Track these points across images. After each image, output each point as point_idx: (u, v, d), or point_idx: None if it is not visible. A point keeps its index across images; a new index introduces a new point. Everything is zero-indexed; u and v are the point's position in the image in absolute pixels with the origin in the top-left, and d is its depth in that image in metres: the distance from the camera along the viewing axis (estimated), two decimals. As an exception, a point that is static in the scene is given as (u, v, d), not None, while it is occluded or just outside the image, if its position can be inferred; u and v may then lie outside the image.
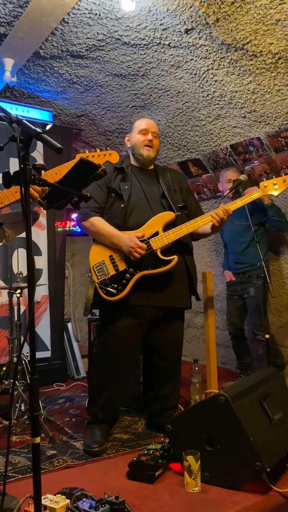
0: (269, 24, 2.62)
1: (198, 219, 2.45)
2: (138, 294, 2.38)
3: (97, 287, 2.41)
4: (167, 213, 2.46)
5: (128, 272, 2.38)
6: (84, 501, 1.63)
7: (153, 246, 2.37)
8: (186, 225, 2.42)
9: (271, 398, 2.15)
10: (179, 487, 1.91)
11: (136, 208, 2.47)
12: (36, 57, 3.24)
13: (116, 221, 2.44)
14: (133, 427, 2.72)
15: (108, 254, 2.44)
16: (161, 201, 2.53)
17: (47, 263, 3.94)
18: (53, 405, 3.22)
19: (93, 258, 2.46)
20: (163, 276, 2.40)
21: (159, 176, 2.62)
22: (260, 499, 1.79)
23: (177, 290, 2.50)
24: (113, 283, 2.38)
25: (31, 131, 1.29)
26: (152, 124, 2.62)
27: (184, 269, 2.53)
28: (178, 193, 2.61)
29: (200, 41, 2.89)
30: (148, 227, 2.42)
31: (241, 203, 2.48)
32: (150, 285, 2.39)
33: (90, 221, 2.46)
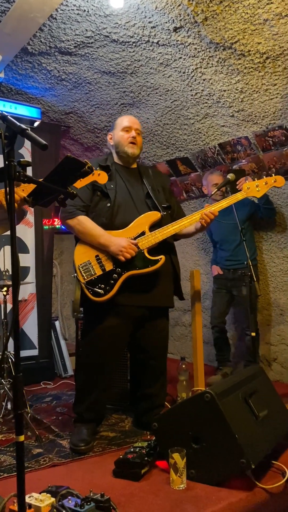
0: (257, 24, 2.63)
1: (185, 219, 2.46)
2: (124, 294, 2.37)
3: (83, 287, 2.37)
4: (153, 213, 2.46)
5: (115, 272, 2.36)
6: (70, 499, 1.62)
7: (140, 246, 2.37)
8: (172, 225, 2.43)
9: (257, 396, 2.17)
10: (164, 484, 1.91)
11: (122, 208, 2.46)
12: (24, 53, 3.22)
13: (103, 220, 2.43)
14: (120, 425, 2.72)
15: (94, 254, 2.41)
16: (146, 201, 2.53)
17: (34, 261, 3.92)
18: (40, 404, 3.21)
19: (78, 258, 2.43)
20: (149, 275, 2.40)
21: (143, 176, 2.62)
22: (245, 495, 1.80)
23: (163, 290, 2.50)
24: (100, 283, 2.36)
25: (15, 128, 1.28)
26: (134, 121, 2.61)
27: (170, 269, 2.53)
28: (162, 193, 2.61)
29: (189, 40, 2.90)
30: (134, 227, 2.42)
31: (226, 204, 2.52)
32: (137, 284, 2.38)
33: (77, 219, 2.43)
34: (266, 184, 2.53)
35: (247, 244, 3.65)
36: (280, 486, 1.87)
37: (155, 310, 2.50)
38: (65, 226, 2.50)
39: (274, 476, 1.94)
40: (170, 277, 2.55)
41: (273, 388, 2.42)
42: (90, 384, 2.45)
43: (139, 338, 2.55)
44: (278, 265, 3.69)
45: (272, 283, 3.74)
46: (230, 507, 1.73)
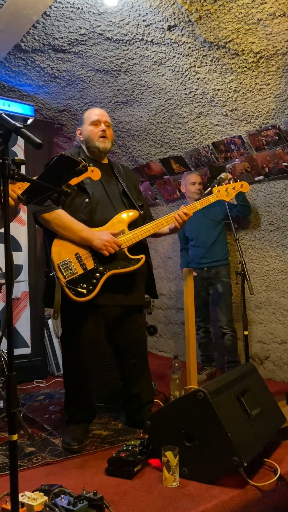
0: (250, 23, 2.64)
1: (163, 219, 2.45)
2: (103, 294, 2.31)
3: (64, 287, 2.24)
4: (132, 211, 2.44)
5: (97, 271, 2.30)
6: (62, 497, 1.62)
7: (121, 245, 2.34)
8: (151, 225, 2.42)
9: (249, 394, 2.18)
10: (157, 482, 1.92)
11: (100, 204, 2.40)
12: (17, 50, 3.20)
13: (81, 216, 2.34)
14: (112, 423, 2.72)
15: (73, 251, 2.31)
16: (122, 198, 2.49)
17: (27, 259, 3.91)
18: (32, 402, 3.20)
19: (57, 256, 2.29)
20: (127, 275, 2.38)
21: (116, 172, 2.57)
22: (237, 493, 1.81)
23: (139, 289, 2.51)
24: (82, 282, 2.26)
25: (10, 126, 1.28)
26: (103, 113, 2.54)
27: (145, 268, 2.52)
28: (134, 191, 2.58)
29: (183, 39, 2.90)
30: (113, 225, 2.37)
31: (200, 205, 2.57)
32: (115, 284, 2.35)
33: (56, 213, 2.28)
34: (234, 189, 2.69)
35: (222, 243, 3.76)
36: (272, 483, 1.89)
37: (133, 309, 2.49)
38: (40, 220, 2.34)
39: (266, 474, 1.96)
40: (144, 276, 2.55)
41: (265, 386, 2.44)
42: (77, 387, 2.42)
43: (118, 338, 2.52)
44: (270, 264, 3.71)
45: (265, 282, 3.76)
46: (222, 505, 1.74)
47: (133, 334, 2.53)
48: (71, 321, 2.40)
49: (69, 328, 2.44)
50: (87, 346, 2.38)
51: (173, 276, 4.66)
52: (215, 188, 2.65)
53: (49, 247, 2.34)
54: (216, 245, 3.72)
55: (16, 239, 3.85)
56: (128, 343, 2.53)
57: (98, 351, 2.45)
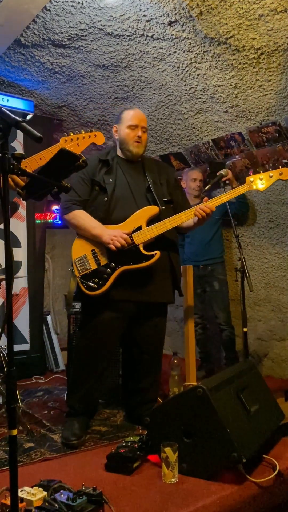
0: (252, 19, 2.63)
1: (182, 214, 2.43)
2: (120, 289, 2.36)
3: (78, 281, 2.39)
4: (151, 207, 2.42)
5: (109, 266, 2.36)
6: (62, 493, 1.62)
7: (135, 241, 2.35)
8: (169, 220, 2.40)
9: (248, 390, 2.19)
10: (156, 478, 1.92)
11: (120, 202, 2.44)
12: (17, 45, 3.18)
13: (99, 215, 2.42)
14: (112, 419, 2.73)
15: (90, 248, 2.42)
16: (146, 195, 2.50)
17: (26, 255, 3.90)
18: (31, 398, 3.20)
19: (75, 252, 2.44)
20: (145, 271, 2.38)
21: (146, 169, 2.58)
22: (236, 489, 1.81)
23: (160, 286, 2.49)
24: (94, 277, 2.36)
25: (10, 120, 1.27)
26: (142, 118, 2.55)
27: (167, 265, 2.51)
28: (165, 186, 2.58)
29: (184, 34, 2.88)
30: (131, 221, 2.39)
31: (226, 197, 2.47)
32: (132, 280, 2.38)
33: (73, 213, 2.43)
34: (271, 177, 2.41)
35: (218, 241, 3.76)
36: (271, 479, 1.89)
37: (151, 306, 2.49)
38: (64, 221, 2.53)
39: (265, 470, 1.96)
40: (168, 273, 2.53)
41: (264, 383, 2.44)
42: (82, 375, 2.46)
43: (135, 333, 2.55)
44: (270, 261, 3.71)
45: (264, 279, 3.76)
46: (221, 501, 1.74)
47: (149, 331, 2.54)
48: (87, 313, 2.51)
49: (84, 319, 2.54)
50: (97, 338, 2.42)
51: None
52: (248, 177, 2.43)
53: None
54: (212, 243, 3.72)
55: (15, 235, 3.84)
56: (142, 339, 2.55)
57: (107, 345, 2.47)
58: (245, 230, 3.85)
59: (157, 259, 2.35)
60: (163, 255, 2.40)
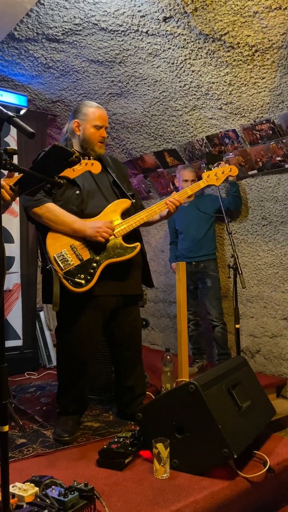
0: (246, 16, 2.63)
1: (154, 206, 2.45)
2: (100, 284, 2.31)
3: (61, 278, 2.25)
4: (123, 201, 2.43)
5: (94, 261, 2.30)
6: (53, 488, 1.62)
7: (115, 234, 2.34)
8: (144, 212, 2.42)
9: (240, 387, 2.20)
10: (148, 474, 1.93)
11: (91, 195, 2.40)
12: (11, 39, 3.16)
13: (72, 208, 2.34)
14: (104, 415, 2.73)
15: (68, 243, 2.30)
16: (113, 188, 2.50)
17: (19, 251, 3.88)
18: (24, 394, 3.20)
19: (52, 248, 2.29)
20: (123, 264, 2.38)
21: (105, 164, 2.55)
22: (227, 484, 1.83)
23: (135, 278, 2.51)
24: (80, 273, 2.27)
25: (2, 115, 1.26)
26: (105, 118, 2.51)
27: (140, 257, 2.52)
28: (124, 181, 2.58)
29: (178, 30, 2.88)
30: (106, 215, 2.37)
31: (190, 191, 2.59)
32: (111, 274, 2.35)
33: (45, 207, 2.28)
34: (223, 173, 2.65)
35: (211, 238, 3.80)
36: (261, 475, 1.91)
37: (128, 298, 2.49)
38: (31, 215, 2.34)
39: (256, 466, 1.97)
40: (140, 265, 2.55)
41: (256, 379, 2.45)
42: (71, 378, 2.43)
43: (113, 330, 2.52)
44: (262, 258, 3.72)
45: (257, 276, 3.78)
46: (212, 496, 1.75)
47: (128, 326, 2.53)
48: (67, 313, 2.37)
49: (64, 319, 2.42)
50: (82, 337, 2.38)
51: (165, 270, 4.67)
52: (205, 173, 2.65)
53: (43, 241, 2.33)
54: (205, 240, 3.75)
55: (8, 231, 3.82)
56: (122, 336, 2.53)
57: (92, 343, 2.45)
58: (238, 227, 3.86)
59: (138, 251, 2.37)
60: None
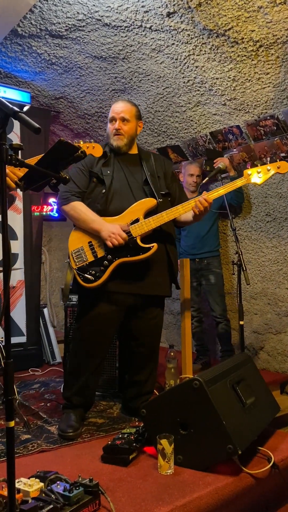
0: (251, 11, 2.61)
1: (180, 206, 2.41)
2: (117, 281, 2.37)
3: (75, 273, 2.39)
4: (148, 200, 2.41)
5: (106, 259, 2.36)
6: (58, 484, 1.63)
7: (133, 233, 2.34)
8: (167, 212, 2.38)
9: (244, 383, 2.20)
10: (152, 470, 1.93)
11: (118, 194, 2.44)
12: (14, 35, 3.15)
13: (97, 206, 2.41)
14: (108, 411, 2.74)
15: (87, 240, 2.41)
16: (143, 187, 2.49)
17: (23, 247, 3.89)
18: (28, 390, 3.21)
19: (72, 243, 2.43)
20: (143, 263, 2.38)
21: (143, 162, 2.57)
22: (231, 480, 1.83)
23: (157, 278, 2.48)
24: (91, 269, 2.36)
25: (8, 110, 1.26)
26: (119, 109, 2.50)
27: (165, 257, 2.51)
28: (162, 179, 2.57)
29: (182, 26, 2.86)
30: (129, 214, 2.39)
31: (224, 191, 2.45)
32: (130, 272, 2.38)
33: (71, 205, 2.43)
34: (269, 170, 2.39)
35: (214, 235, 3.78)
36: (266, 471, 1.91)
37: (148, 298, 2.49)
38: (62, 212, 2.52)
39: (260, 462, 1.98)
40: (165, 266, 2.53)
41: (260, 376, 2.45)
42: (79, 368, 2.45)
43: (131, 326, 2.55)
44: (266, 255, 3.71)
45: (261, 273, 3.77)
46: (216, 492, 1.76)
47: (146, 324, 2.54)
48: (84, 305, 2.49)
49: (81, 311, 2.52)
50: (93, 330, 2.42)
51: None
52: (246, 170, 2.42)
53: None
54: (208, 236, 3.74)
55: (12, 228, 3.83)
56: (139, 331, 2.55)
57: (104, 337, 2.47)
58: (242, 223, 3.85)
59: (154, 252, 2.34)
60: (160, 247, 2.40)
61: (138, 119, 2.57)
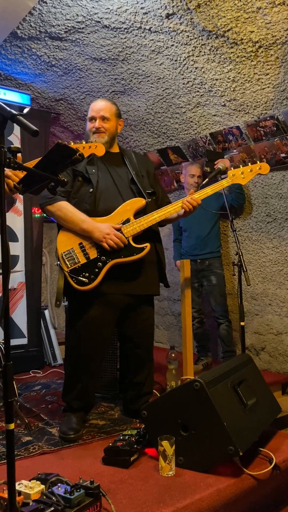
0: (250, 12, 2.61)
1: (169, 206, 2.43)
2: (109, 282, 2.32)
3: (66, 276, 2.30)
4: (137, 200, 2.40)
5: (100, 260, 2.31)
6: (59, 486, 1.63)
7: (125, 234, 2.32)
8: (157, 212, 2.39)
9: (245, 384, 2.20)
10: (153, 471, 1.93)
11: (105, 193, 2.39)
12: (14, 38, 3.16)
13: (85, 206, 2.36)
14: (109, 413, 2.74)
15: (78, 241, 2.34)
16: (130, 186, 2.47)
17: (23, 249, 3.89)
18: (29, 392, 3.21)
19: (61, 245, 2.35)
20: (134, 263, 2.36)
21: (126, 160, 2.55)
22: (233, 481, 1.82)
23: (148, 278, 2.49)
24: (84, 271, 2.30)
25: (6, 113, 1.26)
26: (99, 108, 2.47)
27: (154, 256, 2.51)
28: (146, 178, 2.55)
29: (181, 27, 2.86)
30: (118, 214, 2.36)
31: (211, 191, 2.51)
32: (122, 273, 2.35)
33: (57, 205, 2.34)
34: (251, 171, 2.53)
35: (216, 235, 3.79)
36: (267, 472, 1.90)
37: (140, 298, 2.48)
38: (45, 212, 2.42)
39: (261, 463, 1.97)
40: (154, 265, 2.53)
41: (261, 376, 2.45)
42: (78, 373, 2.43)
43: (125, 327, 2.53)
44: (267, 255, 3.71)
45: (261, 273, 3.77)
46: (218, 493, 1.75)
47: (140, 324, 2.53)
48: (77, 308, 2.42)
49: (73, 315, 2.45)
50: (89, 333, 2.38)
51: (169, 268, 4.65)
52: (230, 171, 2.53)
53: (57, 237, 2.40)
54: (209, 237, 3.74)
55: (12, 229, 3.83)
56: (134, 333, 2.54)
57: (100, 340, 2.44)
58: (242, 224, 3.85)
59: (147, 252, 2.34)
60: (150, 246, 2.38)
61: (118, 118, 2.54)
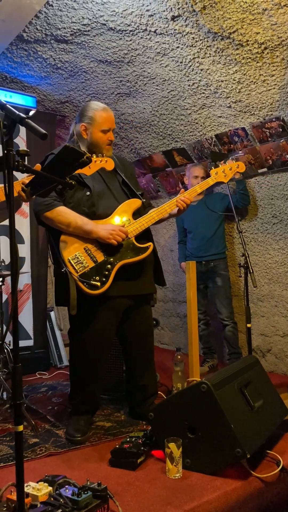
0: (255, 13, 2.61)
1: (165, 205, 2.47)
2: (115, 285, 2.30)
3: (77, 281, 2.23)
4: (134, 200, 2.44)
5: (108, 262, 2.30)
6: (67, 488, 1.63)
7: (128, 234, 2.34)
8: (155, 211, 2.43)
9: (252, 386, 2.19)
10: (160, 473, 1.93)
11: (101, 196, 2.39)
12: (20, 41, 3.17)
13: (84, 210, 2.33)
14: (115, 415, 2.74)
15: (82, 246, 2.30)
16: (122, 188, 2.50)
17: (29, 251, 3.91)
18: (35, 394, 3.22)
19: (67, 251, 2.28)
20: (136, 264, 2.38)
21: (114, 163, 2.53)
22: (240, 484, 1.82)
23: (148, 277, 2.51)
24: (95, 275, 2.26)
25: (14, 116, 1.27)
26: (112, 120, 2.46)
27: (152, 256, 2.52)
28: (133, 180, 2.58)
29: (187, 29, 2.87)
30: (117, 215, 2.38)
31: (200, 189, 2.61)
32: (125, 274, 2.35)
33: (57, 210, 2.26)
34: (231, 170, 2.68)
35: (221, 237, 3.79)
36: (275, 475, 1.90)
37: (140, 298, 2.49)
38: (43, 219, 2.32)
39: (269, 465, 1.96)
40: (152, 264, 2.55)
41: (268, 378, 2.44)
42: (83, 378, 2.43)
43: (126, 330, 2.52)
44: (273, 257, 3.70)
45: (267, 275, 3.76)
46: (225, 496, 1.75)
47: (140, 326, 2.54)
48: (81, 314, 2.33)
49: (78, 321, 2.40)
50: (95, 339, 2.38)
51: (175, 269, 4.66)
52: (213, 170, 2.66)
53: (56, 244, 2.33)
54: (214, 239, 3.73)
55: (18, 232, 3.85)
56: (135, 335, 2.54)
57: (105, 344, 2.45)
58: (248, 225, 3.84)
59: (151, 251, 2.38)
60: None
61: None
